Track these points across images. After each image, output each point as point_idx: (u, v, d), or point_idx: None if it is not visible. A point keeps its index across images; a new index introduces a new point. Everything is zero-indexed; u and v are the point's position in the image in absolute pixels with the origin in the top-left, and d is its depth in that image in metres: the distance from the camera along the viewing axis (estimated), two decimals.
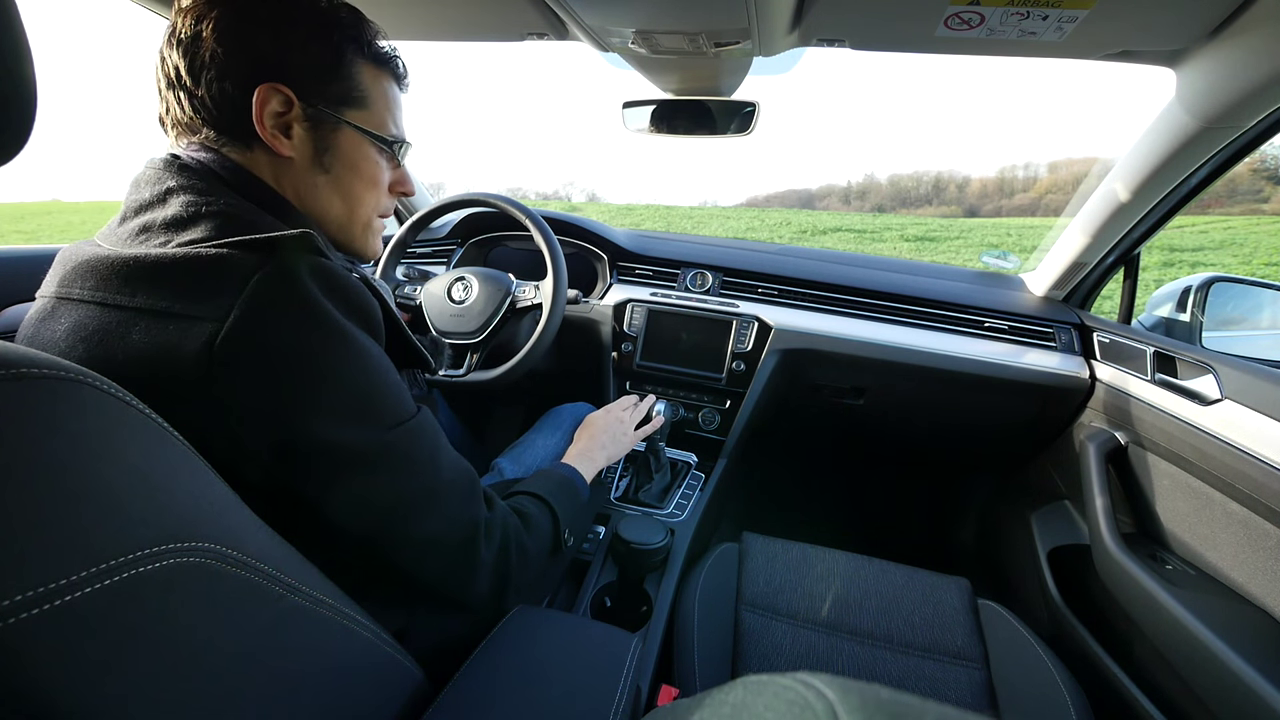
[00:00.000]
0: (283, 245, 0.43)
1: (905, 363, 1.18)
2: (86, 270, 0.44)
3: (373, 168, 0.57)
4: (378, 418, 0.47)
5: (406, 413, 0.49)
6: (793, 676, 0.23)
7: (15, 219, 18.50)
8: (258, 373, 0.40)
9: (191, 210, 0.45)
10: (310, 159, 0.53)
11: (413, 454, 0.49)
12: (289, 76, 0.49)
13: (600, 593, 0.87)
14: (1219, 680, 0.68)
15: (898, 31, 0.79)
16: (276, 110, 0.49)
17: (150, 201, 0.46)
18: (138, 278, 0.42)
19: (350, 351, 0.45)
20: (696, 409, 1.29)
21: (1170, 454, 0.89)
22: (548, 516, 0.67)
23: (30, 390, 0.27)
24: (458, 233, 1.47)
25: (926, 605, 0.91)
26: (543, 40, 0.91)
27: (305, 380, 0.42)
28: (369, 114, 0.55)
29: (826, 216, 17.92)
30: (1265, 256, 8.87)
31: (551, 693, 0.50)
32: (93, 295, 0.43)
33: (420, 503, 0.50)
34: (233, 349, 0.39)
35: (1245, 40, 0.69)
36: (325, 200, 0.55)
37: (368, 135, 0.55)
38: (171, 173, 0.47)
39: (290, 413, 0.42)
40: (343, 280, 0.46)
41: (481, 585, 0.55)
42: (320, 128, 0.52)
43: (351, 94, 0.53)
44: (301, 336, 0.42)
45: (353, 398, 0.45)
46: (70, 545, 0.26)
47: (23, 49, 0.28)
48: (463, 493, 0.54)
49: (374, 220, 0.60)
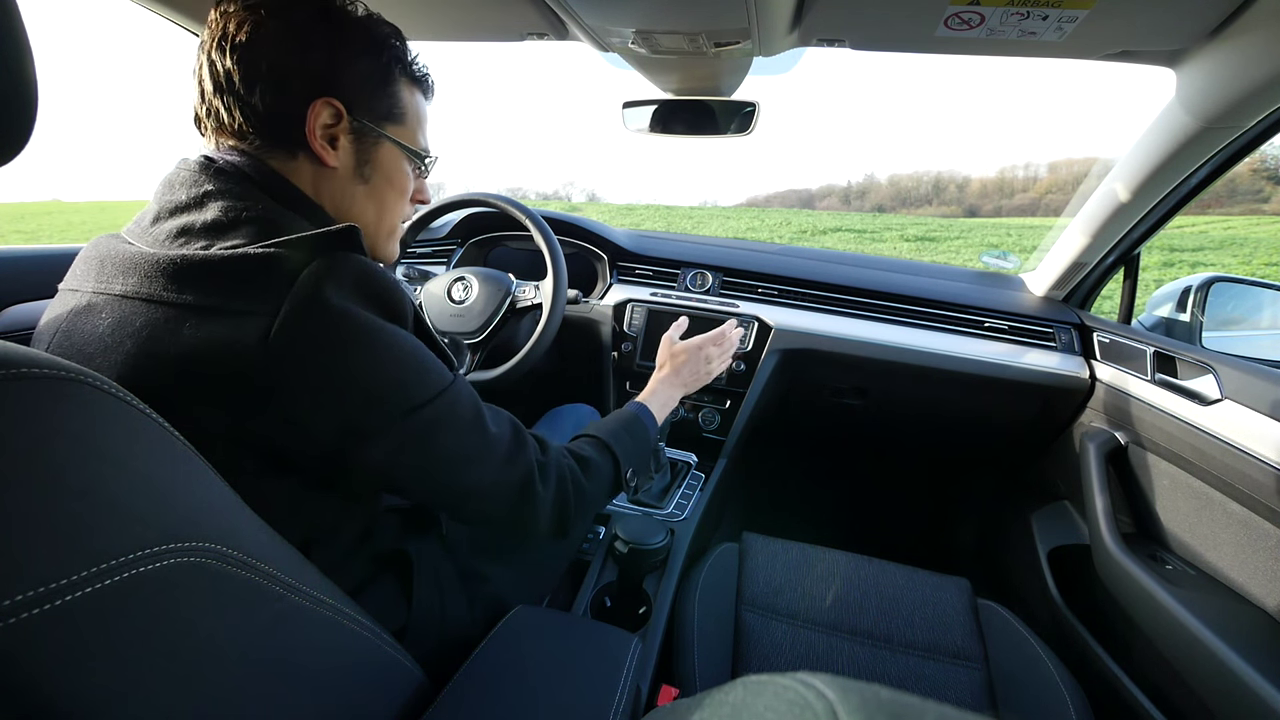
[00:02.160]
0: (329, 239, 0.45)
1: (905, 363, 1.18)
2: (127, 267, 0.44)
3: (404, 179, 0.60)
4: (428, 388, 0.49)
5: (448, 379, 0.53)
6: (793, 676, 0.23)
7: (15, 219, 18.49)
8: (314, 361, 0.42)
9: (232, 215, 0.46)
10: (352, 170, 0.55)
11: (460, 413, 0.52)
12: (342, 92, 0.51)
13: (600, 593, 0.87)
14: (1219, 680, 0.68)
15: (898, 31, 0.79)
16: (326, 122, 0.52)
17: (187, 204, 0.47)
18: (185, 277, 0.42)
19: (394, 337, 0.47)
20: (696, 409, 1.29)
21: (1170, 454, 0.89)
22: (608, 459, 0.69)
23: (30, 390, 0.27)
24: (458, 233, 1.47)
25: (927, 605, 0.91)
26: (543, 40, 0.91)
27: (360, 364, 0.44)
28: (405, 129, 0.58)
29: (826, 216, 17.92)
30: (1265, 256, 8.87)
31: (551, 693, 0.51)
32: (137, 291, 0.43)
33: (474, 455, 0.53)
34: (288, 339, 0.41)
35: (1245, 40, 0.69)
36: (360, 208, 0.57)
37: (404, 149, 0.58)
38: (208, 176, 0.48)
39: (350, 396, 0.44)
40: (381, 277, 0.48)
41: (543, 521, 0.59)
42: (363, 140, 0.55)
43: (393, 110, 0.56)
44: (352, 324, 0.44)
45: (403, 375, 0.48)
46: (70, 545, 0.26)
47: (23, 49, 0.28)
48: (510, 440, 0.57)
49: (398, 226, 0.64)
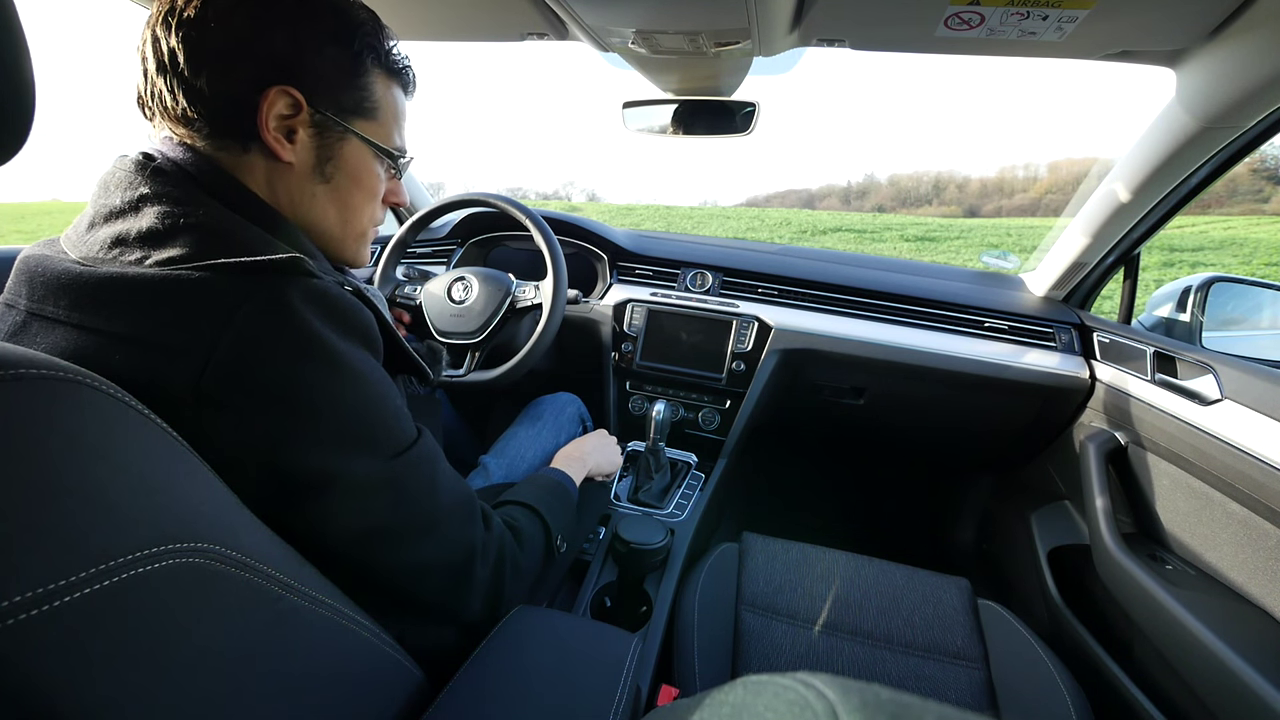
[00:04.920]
0: (271, 270, 0.41)
1: (905, 363, 1.18)
2: (59, 287, 0.41)
3: (373, 180, 0.55)
4: (376, 447, 0.45)
5: (406, 439, 0.48)
6: (793, 676, 0.23)
7: (15, 219, 18.49)
8: (248, 407, 0.39)
9: (169, 223, 0.42)
10: (311, 167, 0.50)
11: (411, 484, 0.48)
12: (302, 80, 0.46)
13: (600, 593, 0.87)
14: (1219, 680, 0.68)
15: (898, 32, 0.79)
16: (282, 113, 0.46)
17: (122, 209, 0.43)
18: (116, 301, 0.39)
19: (348, 379, 0.43)
20: (696, 409, 1.29)
21: (1170, 454, 0.89)
22: (539, 528, 0.66)
23: (29, 390, 0.27)
24: (458, 233, 1.47)
25: (926, 605, 0.91)
26: (543, 40, 0.91)
27: (300, 413, 0.41)
28: (377, 125, 0.53)
29: (826, 216, 17.92)
30: (1265, 256, 8.87)
31: (551, 693, 0.50)
32: (68, 316, 0.40)
33: (418, 529, 0.48)
34: (220, 384, 0.38)
35: (1245, 40, 0.69)
36: (320, 210, 0.52)
37: (374, 147, 0.53)
38: (144, 177, 0.44)
39: (283, 445, 0.40)
40: (337, 300, 0.44)
41: (475, 603, 0.55)
42: (326, 135, 0.50)
43: (363, 104, 0.51)
44: (296, 368, 0.40)
45: (350, 428, 0.43)
46: (69, 546, 0.26)
47: (21, 48, 0.28)
48: (461, 517, 0.53)
49: (368, 230, 0.58)
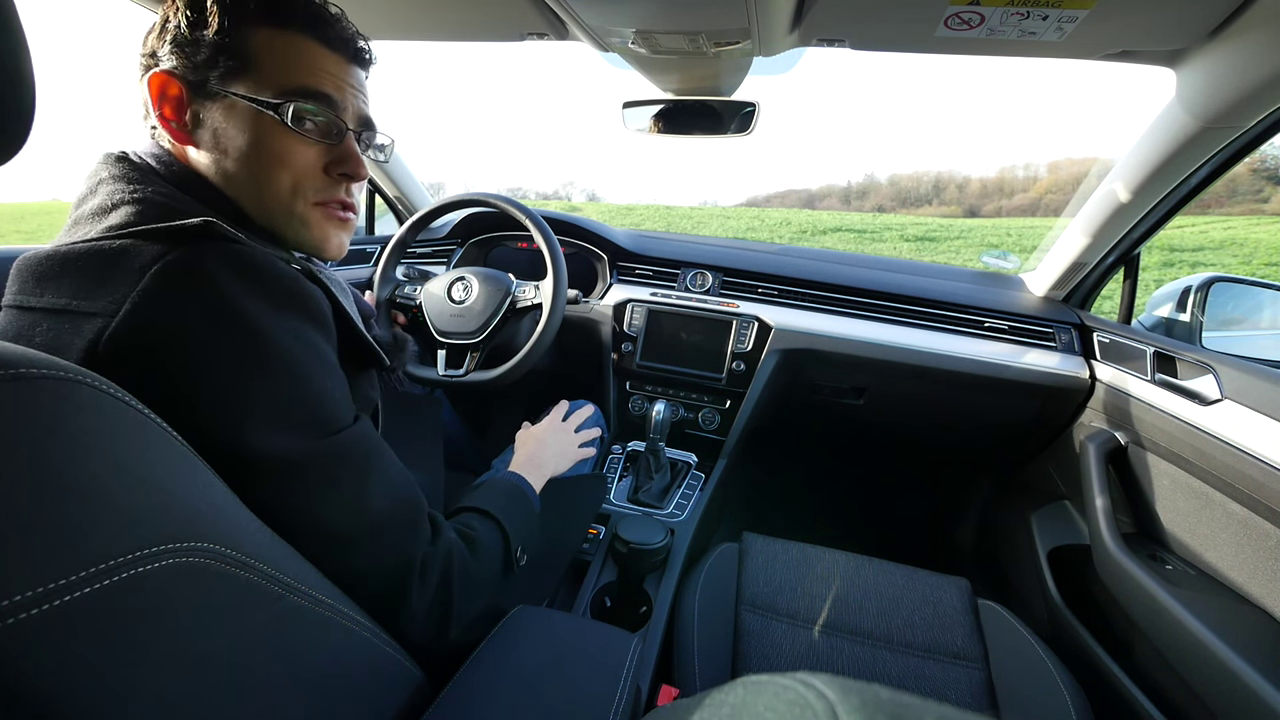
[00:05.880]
0: (189, 234, 0.41)
1: (905, 363, 1.18)
2: (28, 275, 0.42)
3: (275, 140, 0.50)
4: (295, 424, 0.42)
5: (337, 423, 0.45)
6: (793, 676, 0.23)
7: (15, 219, 18.49)
8: (149, 369, 0.37)
9: (116, 199, 0.44)
10: (212, 143, 0.50)
11: (341, 472, 0.44)
12: (169, 60, 0.48)
13: (600, 593, 0.87)
14: (1219, 680, 0.68)
15: (898, 32, 0.79)
16: (175, 96, 0.49)
17: (84, 194, 0.46)
18: (48, 276, 0.40)
19: (264, 347, 0.41)
20: (696, 409, 1.29)
21: (1170, 454, 0.89)
22: (497, 536, 0.61)
23: (28, 390, 0.27)
24: (458, 233, 1.48)
25: (926, 605, 0.91)
26: (543, 40, 0.91)
27: (207, 376, 0.39)
28: (260, 78, 0.49)
29: (826, 216, 17.92)
30: (1265, 256, 8.87)
31: (551, 693, 0.50)
32: (14, 299, 0.42)
33: (343, 532, 0.44)
34: (120, 345, 0.37)
35: (1245, 40, 0.69)
36: (238, 185, 0.51)
37: (254, 103, 0.48)
38: (108, 165, 0.47)
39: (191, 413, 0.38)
40: (266, 268, 0.43)
41: (415, 630, 0.49)
42: (210, 106, 0.49)
43: (234, 62, 0.48)
44: (202, 330, 0.39)
45: (264, 399, 0.41)
46: (68, 545, 0.26)
47: (21, 48, 0.28)
48: (401, 524, 0.48)
49: (298, 206, 0.52)
